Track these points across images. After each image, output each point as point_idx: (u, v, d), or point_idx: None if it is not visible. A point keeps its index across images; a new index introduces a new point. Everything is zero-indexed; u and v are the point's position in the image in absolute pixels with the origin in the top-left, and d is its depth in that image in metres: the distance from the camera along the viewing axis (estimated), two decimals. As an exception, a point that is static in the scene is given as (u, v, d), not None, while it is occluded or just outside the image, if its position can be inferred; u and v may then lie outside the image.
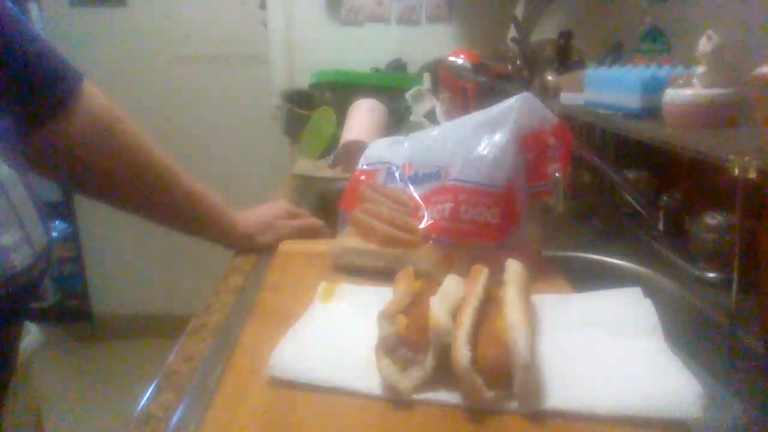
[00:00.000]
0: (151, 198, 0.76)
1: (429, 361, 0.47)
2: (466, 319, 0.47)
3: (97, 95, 0.70)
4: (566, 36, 1.33)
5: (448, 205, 0.69)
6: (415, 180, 0.77)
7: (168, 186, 0.76)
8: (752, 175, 0.58)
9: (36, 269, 0.45)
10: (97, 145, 0.69)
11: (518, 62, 1.30)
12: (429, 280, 0.57)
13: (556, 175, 0.71)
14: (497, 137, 0.70)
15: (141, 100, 2.49)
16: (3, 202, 0.43)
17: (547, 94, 1.16)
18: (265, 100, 2.03)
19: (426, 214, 0.71)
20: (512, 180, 0.69)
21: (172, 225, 0.81)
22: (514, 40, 1.36)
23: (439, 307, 0.48)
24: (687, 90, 0.76)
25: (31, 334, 1.64)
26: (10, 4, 0.52)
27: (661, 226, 0.89)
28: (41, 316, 2.51)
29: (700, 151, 0.69)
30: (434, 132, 0.81)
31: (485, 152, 0.70)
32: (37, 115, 0.62)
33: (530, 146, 0.70)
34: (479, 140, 0.71)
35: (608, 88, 0.95)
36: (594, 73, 1.02)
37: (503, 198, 0.68)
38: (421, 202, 0.73)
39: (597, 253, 0.88)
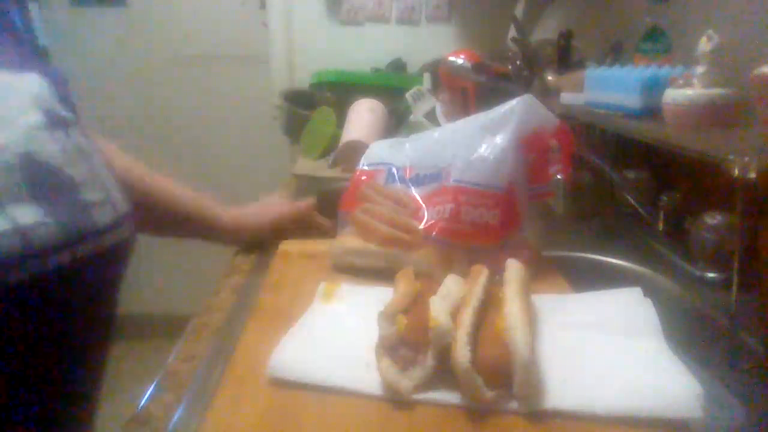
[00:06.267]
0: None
1: (429, 361, 0.47)
2: (466, 319, 0.47)
3: None
4: (566, 36, 1.33)
5: (449, 206, 0.69)
6: (416, 181, 0.77)
7: (147, 196, 0.73)
8: (752, 175, 0.58)
9: (120, 230, 0.46)
10: None
11: (518, 62, 1.30)
12: (429, 280, 0.57)
13: (557, 176, 0.71)
14: (498, 139, 0.70)
15: (141, 100, 2.49)
16: (84, 165, 0.44)
17: (547, 94, 1.16)
18: (265, 100, 2.03)
19: (426, 214, 0.71)
20: (513, 182, 0.69)
21: (159, 233, 0.79)
22: (514, 40, 1.36)
23: (439, 307, 0.48)
24: (687, 90, 0.76)
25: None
26: None
27: (661, 226, 0.89)
28: (41, 316, 2.51)
29: (700, 151, 0.69)
30: (435, 134, 0.81)
31: (486, 154, 0.70)
32: None
33: (531, 148, 0.70)
34: (480, 142, 0.71)
35: (608, 88, 0.95)
36: (594, 73, 1.02)
37: (504, 200, 0.68)
38: (422, 203, 0.73)
39: (597, 253, 0.88)
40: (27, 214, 0.38)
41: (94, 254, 0.43)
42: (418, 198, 0.74)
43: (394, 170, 0.80)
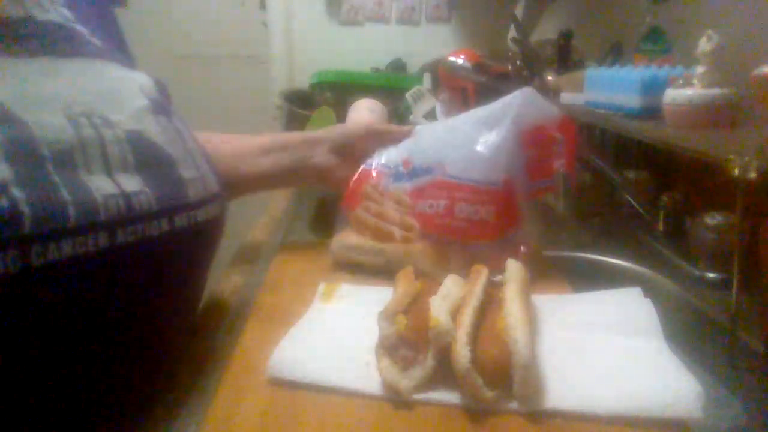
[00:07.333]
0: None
1: (429, 361, 0.47)
2: (466, 319, 0.47)
3: None
4: (566, 36, 1.33)
5: (443, 202, 0.68)
6: (412, 174, 0.76)
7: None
8: (752, 175, 0.58)
9: (210, 207, 0.49)
10: None
11: (518, 62, 1.30)
12: (429, 280, 0.57)
13: (561, 171, 0.70)
14: (495, 134, 0.69)
15: (141, 100, 2.49)
16: (180, 145, 0.49)
17: (547, 94, 1.16)
18: (265, 100, 2.03)
19: (418, 207, 0.71)
20: (510, 177, 0.68)
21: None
22: (514, 40, 1.36)
23: (439, 307, 0.48)
24: (687, 90, 0.76)
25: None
26: None
27: (661, 226, 0.89)
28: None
29: (700, 151, 0.70)
30: (436, 127, 0.80)
31: (483, 149, 0.69)
32: None
33: (533, 142, 0.70)
34: (477, 137, 0.70)
35: (608, 88, 0.95)
36: (594, 73, 1.02)
37: (500, 196, 0.68)
38: (414, 198, 0.72)
39: (597, 253, 0.88)
40: (131, 183, 0.41)
41: (189, 227, 0.46)
42: (411, 192, 0.73)
43: (395, 168, 0.79)
